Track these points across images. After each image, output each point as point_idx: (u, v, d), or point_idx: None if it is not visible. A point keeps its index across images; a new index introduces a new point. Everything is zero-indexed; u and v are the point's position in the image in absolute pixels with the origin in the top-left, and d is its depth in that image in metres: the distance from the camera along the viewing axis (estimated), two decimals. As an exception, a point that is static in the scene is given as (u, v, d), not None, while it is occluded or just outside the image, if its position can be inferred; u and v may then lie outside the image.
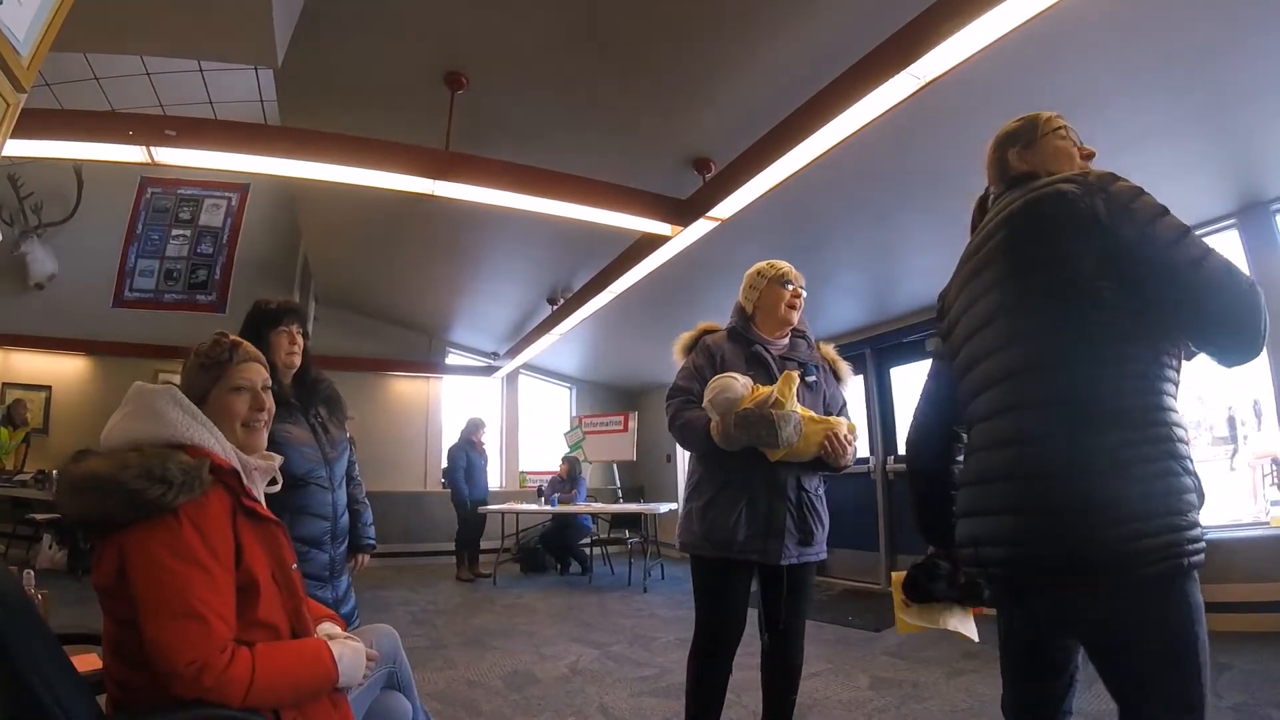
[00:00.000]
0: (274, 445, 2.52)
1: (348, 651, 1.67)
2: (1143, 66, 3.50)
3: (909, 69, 3.07)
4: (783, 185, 4.14)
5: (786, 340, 2.83)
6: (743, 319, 2.85)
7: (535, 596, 7.43)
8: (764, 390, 2.53)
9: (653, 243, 5.10)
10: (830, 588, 7.56)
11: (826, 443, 2.51)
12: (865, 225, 5.62)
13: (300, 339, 2.74)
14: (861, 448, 7.82)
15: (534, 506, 8.68)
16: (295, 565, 1.71)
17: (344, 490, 2.78)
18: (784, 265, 2.82)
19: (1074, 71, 3.57)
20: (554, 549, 8.99)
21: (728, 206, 4.44)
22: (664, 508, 8.14)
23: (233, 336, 1.87)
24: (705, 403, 2.63)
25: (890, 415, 7.77)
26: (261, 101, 4.47)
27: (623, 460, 9.97)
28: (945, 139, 4.26)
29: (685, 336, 2.93)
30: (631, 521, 8.94)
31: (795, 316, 2.80)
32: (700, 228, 4.74)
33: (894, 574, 2.05)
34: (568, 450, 9.72)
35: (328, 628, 1.85)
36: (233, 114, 3.90)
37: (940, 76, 3.12)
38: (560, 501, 8.61)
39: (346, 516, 2.79)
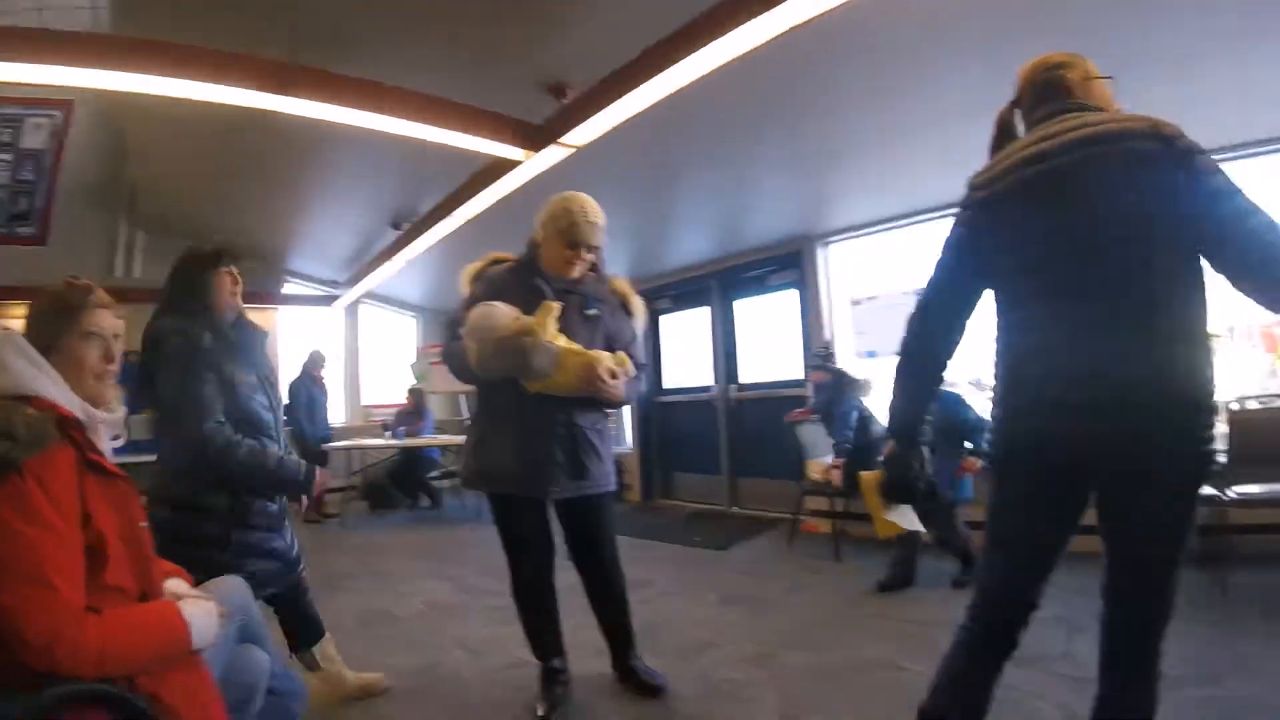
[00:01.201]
0: (233, 395, 2.53)
1: (198, 612, 1.60)
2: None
3: (773, 10, 3.07)
4: (640, 116, 4.11)
5: (575, 272, 2.79)
6: (531, 250, 2.82)
7: (386, 534, 7.32)
8: (525, 320, 2.53)
9: (503, 167, 4.95)
10: (676, 510, 7.84)
11: (585, 375, 2.54)
12: (718, 161, 5.67)
13: (240, 280, 2.69)
14: (705, 376, 8.08)
15: (380, 441, 8.45)
16: (144, 524, 1.61)
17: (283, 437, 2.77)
18: (580, 218, 2.70)
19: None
20: (403, 484, 8.82)
21: (583, 133, 4.36)
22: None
23: (85, 280, 1.70)
24: (464, 330, 2.62)
25: (733, 346, 8.03)
26: (94, 8, 3.96)
27: (470, 391, 9.61)
28: (802, 84, 4.40)
29: (472, 266, 2.90)
30: (480, 452, 8.78)
31: (575, 271, 2.75)
32: (554, 154, 4.64)
33: (864, 475, 2.18)
34: (414, 382, 9.47)
35: (175, 585, 1.77)
36: (63, 22, 3.45)
37: (807, 22, 3.15)
38: (407, 435, 8.41)
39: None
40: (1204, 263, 1.58)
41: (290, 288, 10.10)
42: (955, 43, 3.84)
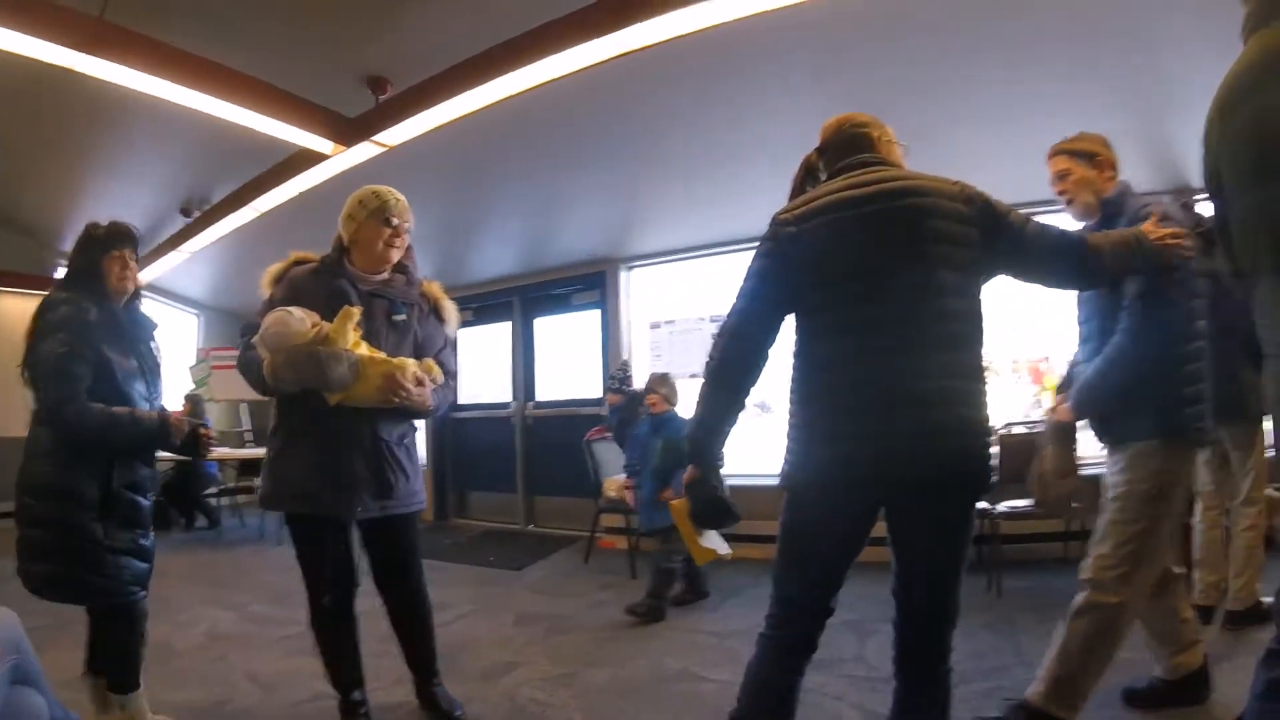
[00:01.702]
0: (109, 377, 2.47)
1: None
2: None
3: (599, 39, 3.18)
4: (458, 122, 4.05)
5: (385, 275, 2.66)
6: (337, 251, 2.64)
7: (160, 556, 6.56)
8: (323, 327, 2.40)
9: (309, 159, 4.69)
10: (470, 529, 7.66)
11: (387, 385, 2.43)
12: (530, 177, 5.70)
13: (133, 264, 2.70)
14: (503, 393, 8.00)
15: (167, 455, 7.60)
16: None
17: None
18: (388, 195, 2.60)
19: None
20: (177, 501, 7.91)
21: (398, 133, 4.23)
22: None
23: None
24: (256, 338, 2.43)
25: (532, 363, 8.00)
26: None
27: (253, 400, 8.98)
28: (616, 112, 4.55)
29: (275, 267, 2.67)
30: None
31: (395, 255, 2.63)
32: (364, 150, 4.46)
33: (674, 504, 2.09)
34: (191, 387, 8.66)
35: None
36: None
37: (628, 53, 3.29)
38: (182, 447, 7.63)
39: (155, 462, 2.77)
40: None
41: (64, 272, 8.88)
42: (764, 89, 4.11)
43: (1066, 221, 2.46)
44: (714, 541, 2.16)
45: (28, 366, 2.53)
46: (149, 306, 2.92)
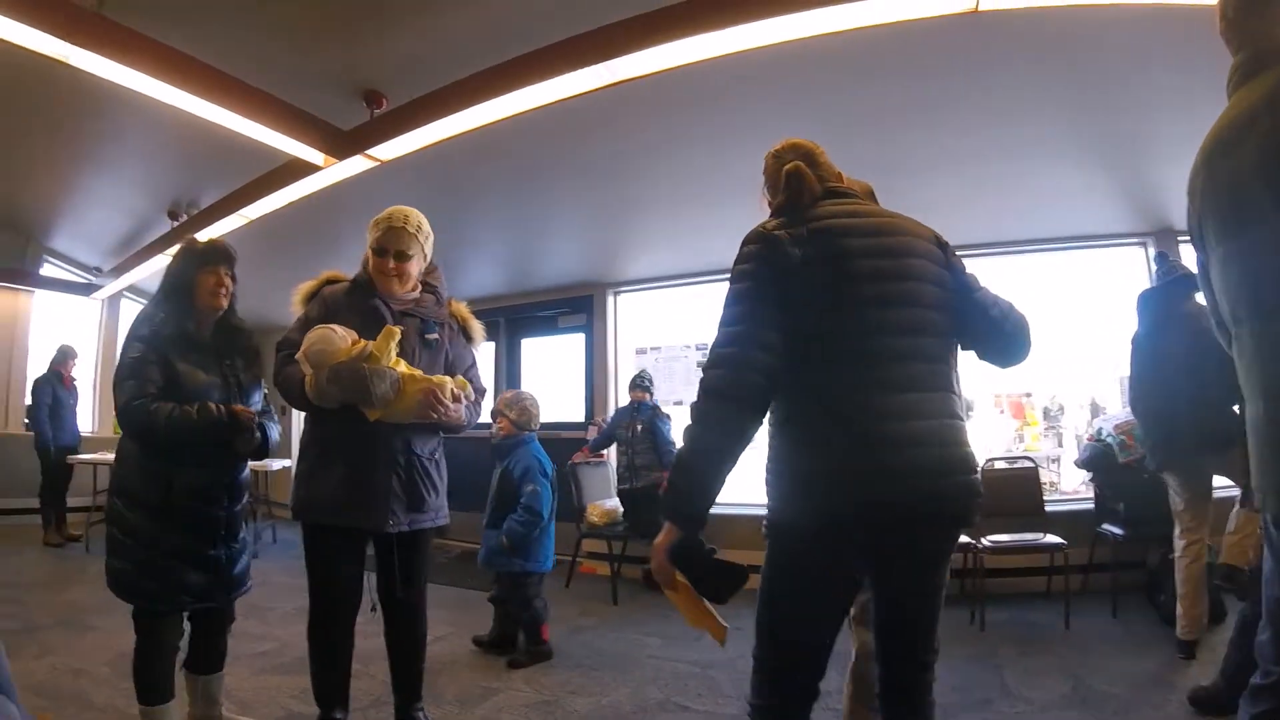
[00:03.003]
0: (175, 391, 2.48)
1: None
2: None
3: (592, 66, 3.20)
4: (450, 141, 4.02)
5: (416, 295, 2.72)
6: (365, 270, 2.70)
7: None
8: (365, 345, 2.46)
9: (301, 169, 4.61)
10: (449, 550, 7.55)
11: (426, 401, 2.47)
12: (521, 198, 5.70)
13: (229, 282, 2.70)
14: (484, 413, 7.92)
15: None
16: None
17: None
18: (385, 223, 2.61)
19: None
20: None
21: (391, 148, 4.18)
22: (276, 465, 7.55)
23: None
24: (299, 355, 2.48)
25: (517, 384, 7.93)
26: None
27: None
28: (607, 139, 4.58)
29: (306, 285, 2.75)
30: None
31: (396, 285, 2.64)
32: (356, 164, 4.41)
33: (679, 579, 1.66)
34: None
35: None
36: None
37: (619, 82, 3.32)
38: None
39: (247, 472, 2.81)
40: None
41: (49, 270, 8.72)
42: (745, 123, 4.14)
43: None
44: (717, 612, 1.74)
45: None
46: (132, 309, 2.89)
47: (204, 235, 2.67)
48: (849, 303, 1.67)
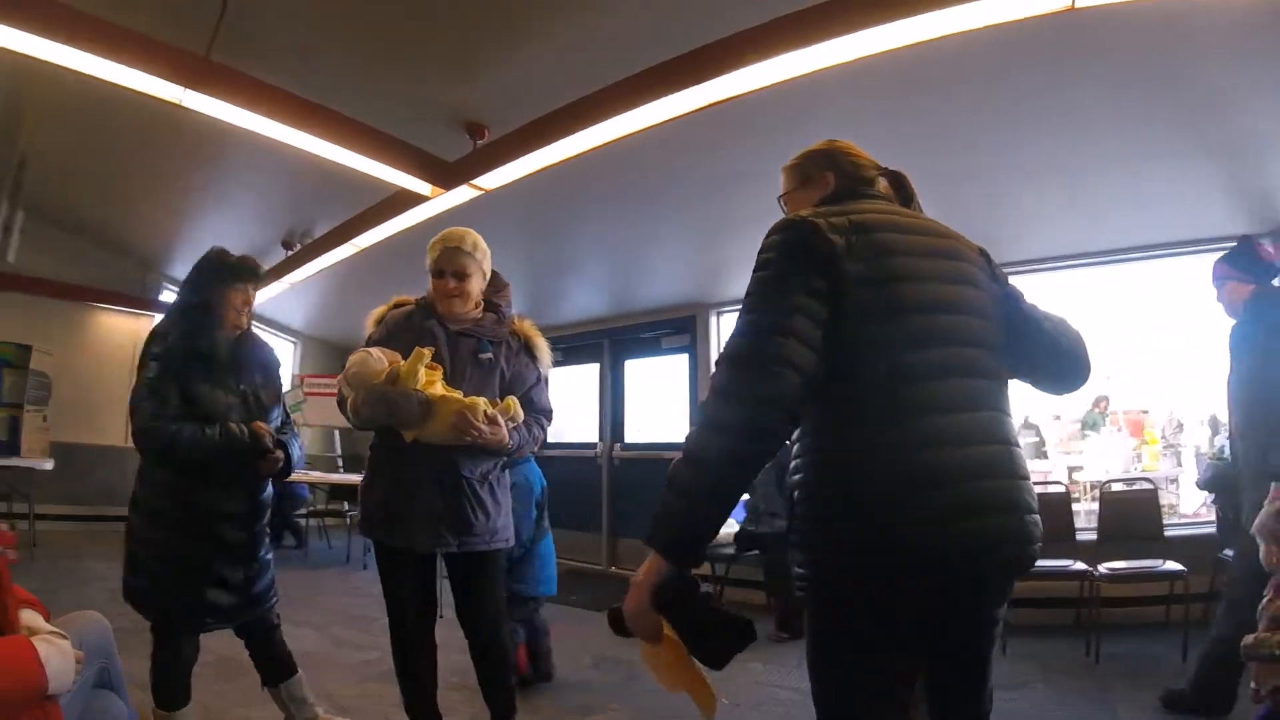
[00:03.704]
0: (196, 408, 2.53)
1: (55, 653, 1.44)
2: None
3: (697, 87, 3.24)
4: (551, 168, 4.14)
5: (478, 314, 2.72)
6: (430, 293, 2.73)
7: None
8: (394, 367, 2.48)
9: (408, 200, 4.86)
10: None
11: (457, 423, 2.42)
12: (622, 222, 5.79)
13: (252, 300, 2.76)
14: (589, 432, 8.07)
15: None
16: (0, 549, 1.46)
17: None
18: (439, 246, 2.63)
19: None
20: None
21: (496, 177, 4.34)
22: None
23: None
24: (341, 379, 2.55)
25: (620, 405, 8.06)
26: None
27: (345, 426, 9.26)
28: (704, 159, 4.61)
29: (377, 310, 2.79)
30: (351, 493, 8.30)
31: (457, 305, 2.65)
32: (462, 194, 4.60)
33: (666, 631, 1.33)
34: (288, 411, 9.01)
35: (30, 619, 1.58)
36: None
37: (716, 102, 3.34)
38: (274, 467, 7.94)
39: (270, 492, 2.83)
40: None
41: (167, 295, 9.35)
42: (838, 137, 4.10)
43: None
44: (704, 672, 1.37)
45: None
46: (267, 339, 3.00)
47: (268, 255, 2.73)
48: (895, 306, 1.37)
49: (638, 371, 8.03)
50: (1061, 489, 4.88)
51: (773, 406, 1.28)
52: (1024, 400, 1.66)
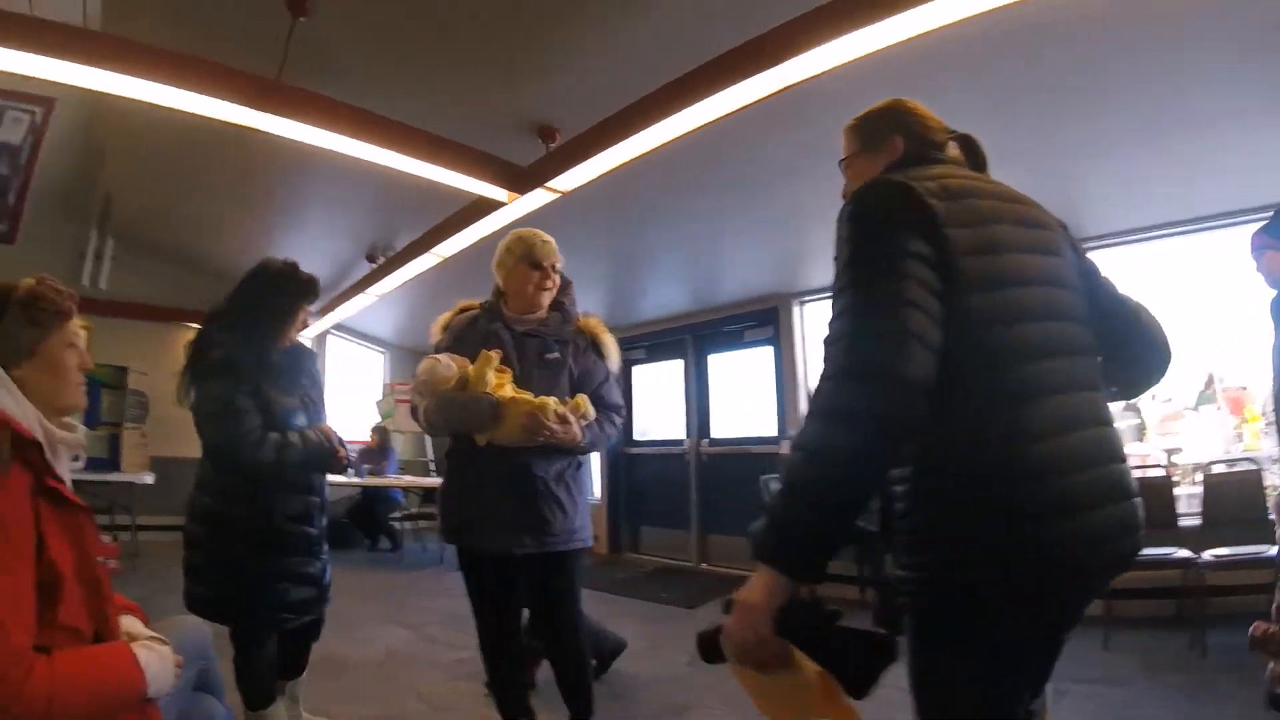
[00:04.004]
0: (271, 417, 2.60)
1: (154, 658, 1.47)
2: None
3: (770, 71, 3.13)
4: (625, 166, 4.10)
5: (541, 315, 2.70)
6: (496, 296, 2.75)
7: (343, 574, 6.98)
8: (463, 372, 2.47)
9: (487, 207, 4.90)
10: (642, 565, 7.70)
11: (528, 424, 2.40)
12: (699, 215, 5.72)
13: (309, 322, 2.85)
14: (676, 429, 8.03)
15: (341, 478, 8.18)
16: (103, 559, 1.49)
17: None
18: (533, 239, 2.65)
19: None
20: (362, 523, 8.55)
21: (570, 179, 4.34)
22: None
23: (66, 285, 1.60)
24: (411, 388, 2.57)
25: (706, 400, 8.00)
26: (85, 3, 3.81)
27: (437, 433, 9.49)
28: (780, 149, 4.49)
29: (443, 317, 2.81)
30: (443, 496, 8.58)
31: (546, 299, 2.67)
32: (539, 197, 4.61)
33: (804, 662, 1.18)
34: (379, 419, 9.28)
35: (130, 624, 1.62)
36: (54, 14, 3.30)
37: (796, 84, 3.21)
38: (369, 473, 8.20)
39: (327, 490, 2.88)
40: None
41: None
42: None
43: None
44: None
45: (191, 407, 2.62)
46: (337, 344, 3.11)
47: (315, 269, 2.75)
48: (996, 279, 1.24)
49: (722, 366, 7.96)
50: (1161, 473, 4.62)
51: (911, 388, 1.11)
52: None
